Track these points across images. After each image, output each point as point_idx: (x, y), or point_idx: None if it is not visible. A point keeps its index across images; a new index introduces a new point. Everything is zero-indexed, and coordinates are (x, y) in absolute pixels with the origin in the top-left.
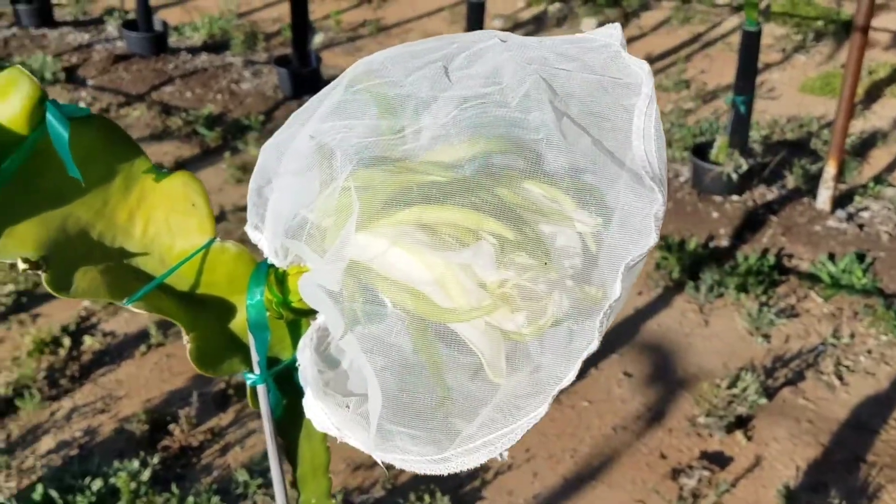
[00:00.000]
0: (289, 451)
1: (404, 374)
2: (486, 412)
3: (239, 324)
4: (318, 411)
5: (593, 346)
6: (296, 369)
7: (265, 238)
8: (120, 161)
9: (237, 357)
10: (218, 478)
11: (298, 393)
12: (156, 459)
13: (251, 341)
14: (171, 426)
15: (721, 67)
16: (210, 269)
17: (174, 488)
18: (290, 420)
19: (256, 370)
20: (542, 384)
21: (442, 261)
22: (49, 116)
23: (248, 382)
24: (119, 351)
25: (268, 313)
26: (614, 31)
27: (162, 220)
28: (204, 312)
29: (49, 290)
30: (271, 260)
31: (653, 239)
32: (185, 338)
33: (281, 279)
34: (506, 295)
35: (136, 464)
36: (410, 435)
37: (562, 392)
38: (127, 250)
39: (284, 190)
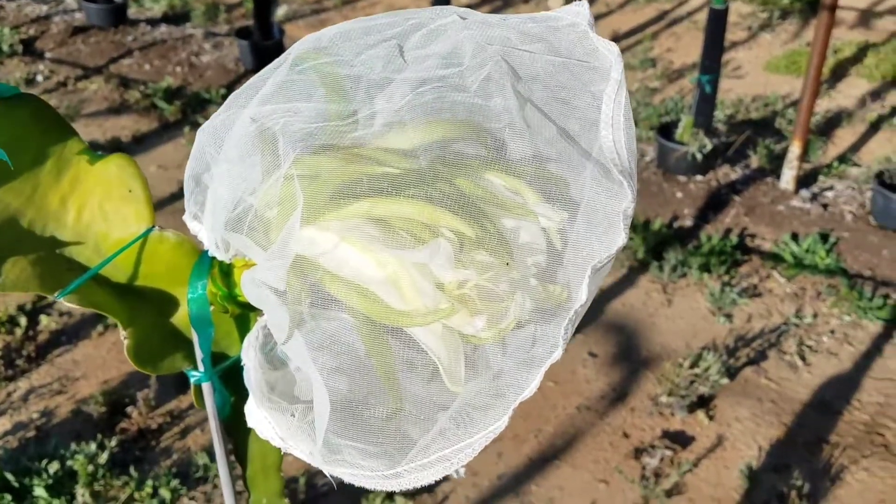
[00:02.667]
0: (237, 451)
1: (354, 382)
2: (442, 423)
3: (181, 318)
4: (261, 419)
5: (557, 353)
6: (243, 367)
7: (205, 229)
8: (52, 143)
9: (180, 353)
10: (177, 461)
11: (246, 391)
12: (114, 442)
13: (194, 337)
14: (130, 408)
15: (687, 45)
16: (149, 259)
17: (132, 471)
18: (238, 419)
19: (201, 367)
20: (502, 394)
21: (395, 259)
22: None
23: (192, 381)
24: (76, 331)
25: (212, 307)
26: (582, 10)
27: (96, 206)
28: (143, 306)
29: None
30: (212, 253)
31: (622, 239)
32: (122, 333)
33: (226, 271)
34: (465, 296)
35: (93, 446)
36: (359, 448)
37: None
38: (59, 239)
39: (224, 178)
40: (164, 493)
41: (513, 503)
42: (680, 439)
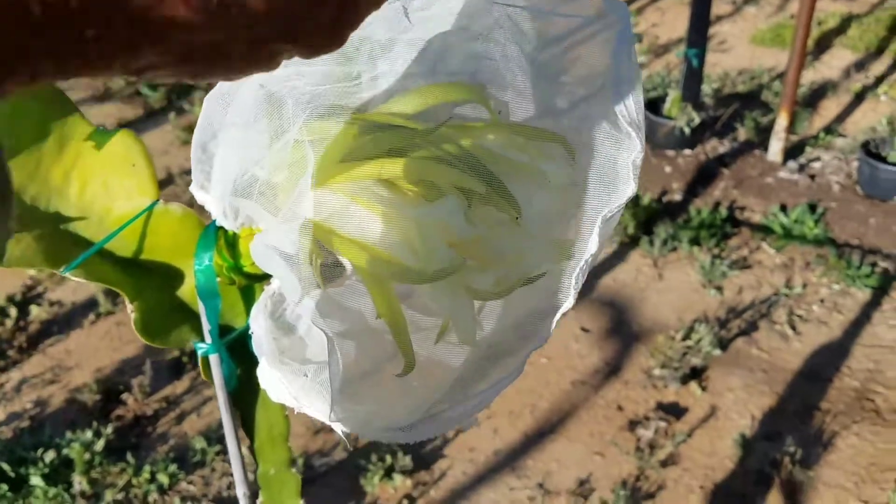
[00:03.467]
0: (245, 422)
1: (365, 340)
2: (455, 376)
3: (187, 290)
4: (274, 380)
5: (568, 303)
6: (250, 337)
7: (212, 198)
8: (53, 118)
9: (186, 326)
10: (174, 446)
11: (253, 362)
12: (109, 429)
13: (201, 309)
14: (125, 395)
15: (673, 20)
16: (153, 233)
17: (129, 458)
18: (245, 390)
19: (208, 339)
20: (513, 346)
21: (406, 217)
22: None
23: (200, 352)
24: (67, 320)
25: (218, 279)
26: None
27: (100, 181)
28: (149, 279)
29: None
30: (220, 222)
31: (631, 188)
32: (129, 307)
33: (232, 242)
34: (475, 253)
35: (89, 434)
36: (372, 404)
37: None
38: (63, 214)
39: (231, 144)
40: (162, 479)
41: (509, 478)
42: (674, 411)
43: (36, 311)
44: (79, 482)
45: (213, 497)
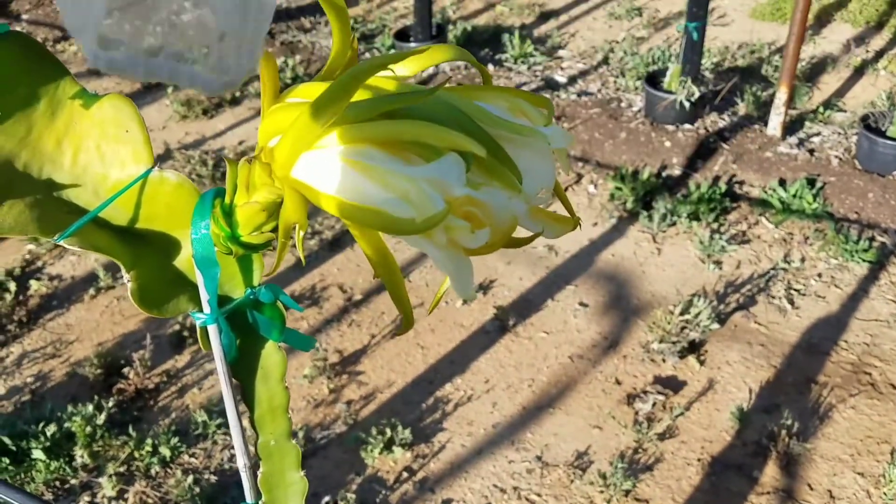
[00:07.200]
0: (245, 393)
1: None
2: None
3: (185, 260)
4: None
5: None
6: (249, 308)
7: None
8: (44, 83)
9: (184, 296)
10: (176, 419)
11: (253, 332)
12: (111, 403)
13: (199, 278)
14: (126, 369)
15: None
16: (149, 201)
17: (131, 431)
18: (245, 361)
19: (206, 309)
20: None
21: (403, 177)
22: None
23: (198, 323)
24: (67, 294)
25: (216, 248)
26: None
27: (93, 148)
28: (145, 249)
29: None
30: None
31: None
32: (126, 276)
33: (228, 211)
34: (469, 213)
35: (90, 408)
36: None
37: (518, 323)
38: (56, 182)
39: None
40: (164, 451)
41: (508, 450)
42: (672, 384)
43: (36, 286)
44: (80, 455)
45: (214, 469)
